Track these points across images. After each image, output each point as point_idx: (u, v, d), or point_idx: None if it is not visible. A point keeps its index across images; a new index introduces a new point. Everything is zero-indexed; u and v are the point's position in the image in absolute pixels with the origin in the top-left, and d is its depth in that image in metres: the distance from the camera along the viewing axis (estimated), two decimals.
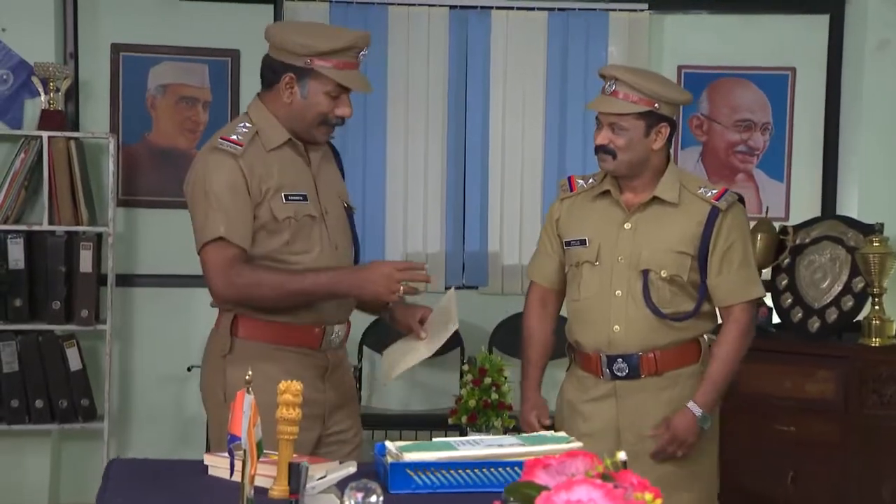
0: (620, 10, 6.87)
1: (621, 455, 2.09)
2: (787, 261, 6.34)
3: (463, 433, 5.91)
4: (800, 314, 6.25)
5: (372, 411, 6.64)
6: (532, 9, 6.84)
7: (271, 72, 3.92)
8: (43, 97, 6.30)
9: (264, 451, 2.85)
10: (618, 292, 4.15)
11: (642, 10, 6.88)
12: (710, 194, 4.17)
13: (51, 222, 6.25)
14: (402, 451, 3.06)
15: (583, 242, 4.21)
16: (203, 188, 3.85)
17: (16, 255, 6.25)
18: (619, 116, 4.07)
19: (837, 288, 6.20)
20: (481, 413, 6.10)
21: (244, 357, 3.84)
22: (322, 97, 3.87)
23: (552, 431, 3.38)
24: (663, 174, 4.18)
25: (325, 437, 3.98)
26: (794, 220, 6.68)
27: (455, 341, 6.57)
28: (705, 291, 4.17)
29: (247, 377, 2.79)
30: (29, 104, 6.42)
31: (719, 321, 4.30)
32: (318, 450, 3.89)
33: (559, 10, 6.85)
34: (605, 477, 1.98)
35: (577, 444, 3.12)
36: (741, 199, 4.24)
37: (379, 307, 4.06)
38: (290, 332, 3.91)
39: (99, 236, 6.40)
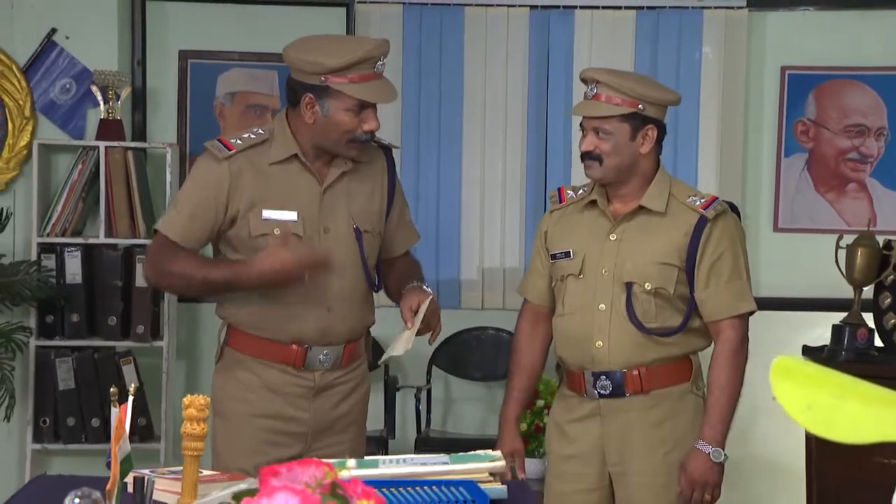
0: (716, 7, 6.39)
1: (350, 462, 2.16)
2: (891, 278, 5.79)
3: None
4: None
5: (446, 435, 6.34)
6: (619, 7, 6.41)
7: (293, 92, 3.88)
8: (102, 106, 6.10)
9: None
10: (601, 306, 3.96)
11: (741, 8, 6.40)
12: (698, 203, 3.94)
13: (107, 235, 6.05)
14: None
15: (567, 255, 4.01)
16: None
17: (73, 268, 6.06)
18: (603, 120, 3.89)
19: None
20: (533, 438, 5.75)
21: (230, 366, 3.96)
22: (343, 115, 3.80)
23: (489, 450, 3.18)
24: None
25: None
26: None
27: None
28: (694, 306, 3.95)
29: (112, 389, 2.75)
30: (92, 114, 6.23)
31: None
32: None
33: (648, 8, 6.41)
34: (333, 485, 1.97)
35: (500, 464, 3.04)
36: (734, 208, 4.05)
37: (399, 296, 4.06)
38: (269, 347, 3.92)
39: None
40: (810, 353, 5.89)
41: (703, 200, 3.96)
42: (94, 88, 6.10)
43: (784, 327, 6.28)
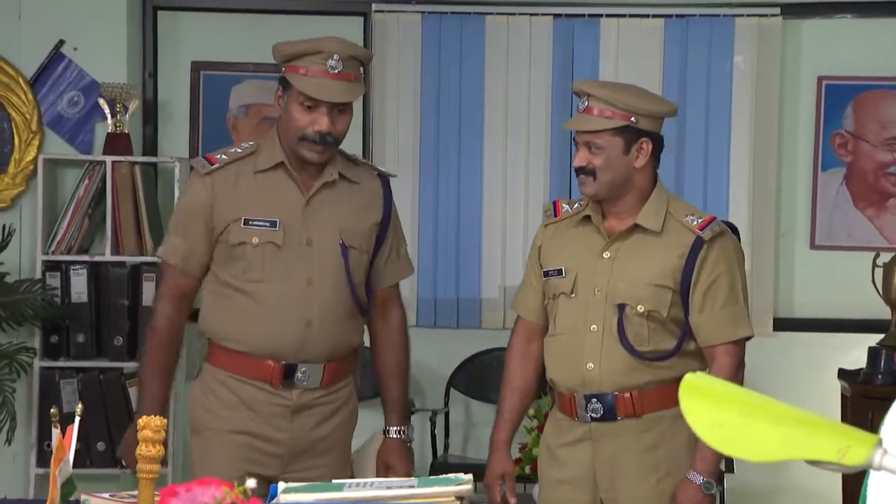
0: (749, 15, 6.16)
1: (250, 482, 2.06)
2: None
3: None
4: None
5: (466, 460, 6.14)
6: (646, 16, 6.21)
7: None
8: (109, 119, 5.94)
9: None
10: (593, 327, 3.81)
11: (775, 16, 6.16)
12: (695, 223, 3.78)
13: (114, 252, 5.90)
14: (285, 492, 2.98)
15: (559, 272, 3.86)
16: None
17: (78, 287, 5.91)
18: (594, 134, 3.77)
19: None
20: None
21: (207, 382, 3.92)
22: (297, 108, 3.76)
23: (460, 473, 2.99)
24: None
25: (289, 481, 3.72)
26: None
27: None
28: (689, 329, 3.77)
29: (52, 410, 2.80)
30: (100, 127, 6.09)
31: None
32: None
33: (677, 16, 6.20)
34: None
35: (468, 487, 2.91)
36: (734, 229, 3.92)
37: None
38: (246, 362, 3.86)
39: None
40: (846, 376, 5.67)
41: (700, 220, 3.81)
42: (102, 101, 5.95)
43: (820, 349, 6.08)
